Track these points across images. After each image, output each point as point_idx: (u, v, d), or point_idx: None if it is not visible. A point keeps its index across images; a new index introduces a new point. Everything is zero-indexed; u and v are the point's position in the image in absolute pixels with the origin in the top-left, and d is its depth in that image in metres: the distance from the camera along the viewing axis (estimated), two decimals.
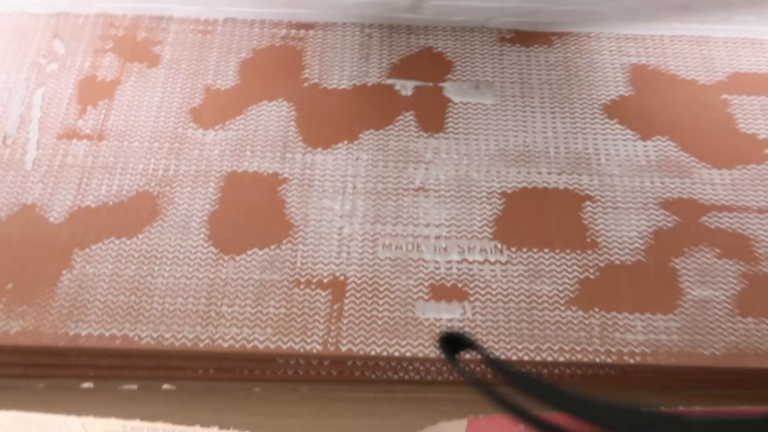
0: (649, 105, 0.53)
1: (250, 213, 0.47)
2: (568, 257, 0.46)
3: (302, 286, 0.44)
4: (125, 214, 0.47)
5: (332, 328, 0.42)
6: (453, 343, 0.28)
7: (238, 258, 0.45)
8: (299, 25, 0.56)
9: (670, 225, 0.47)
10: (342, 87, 0.53)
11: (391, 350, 0.41)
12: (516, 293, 0.44)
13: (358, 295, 0.44)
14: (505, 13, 0.54)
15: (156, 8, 0.55)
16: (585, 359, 0.41)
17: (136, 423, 0.38)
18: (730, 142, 0.51)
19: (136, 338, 0.42)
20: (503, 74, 0.54)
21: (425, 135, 0.51)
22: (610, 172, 0.50)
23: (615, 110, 0.52)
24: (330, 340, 0.42)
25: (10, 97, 0.51)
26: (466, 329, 0.42)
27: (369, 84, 0.53)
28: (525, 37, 0.56)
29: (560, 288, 0.44)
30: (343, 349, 0.41)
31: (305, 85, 0.53)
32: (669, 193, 0.49)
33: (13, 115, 0.51)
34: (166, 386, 0.41)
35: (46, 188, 0.48)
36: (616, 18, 0.55)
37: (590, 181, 0.49)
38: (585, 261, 0.46)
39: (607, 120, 0.52)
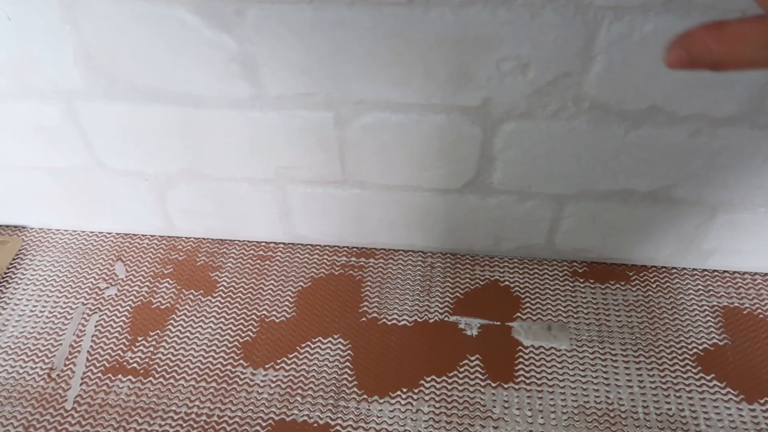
0: (750, 358, 0.48)
1: None
2: None
3: None
4: None
5: None
6: None
7: None
8: (360, 252, 0.56)
9: None
10: (402, 323, 0.51)
11: None
12: None
13: None
14: (576, 250, 0.53)
15: (219, 230, 0.57)
16: None
17: None
18: None
19: None
20: (578, 314, 0.51)
21: (493, 384, 0.47)
22: None
23: (710, 363, 0.48)
24: None
25: (65, 325, 0.52)
26: None
27: (431, 320, 0.51)
28: (599, 272, 0.54)
29: None
30: None
31: (363, 319, 0.52)
32: None
33: (63, 344, 0.51)
34: None
35: (81, 431, 0.45)
36: (698, 253, 0.52)
37: None
38: None
39: (702, 375, 0.47)
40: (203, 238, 0.58)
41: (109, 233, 0.59)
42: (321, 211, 0.53)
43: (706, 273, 0.53)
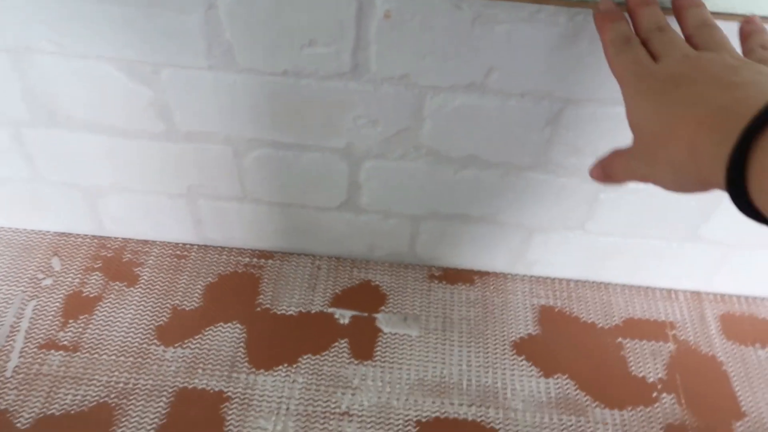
0: (553, 345, 0.63)
1: (195, 430, 0.55)
2: None
3: None
4: (84, 425, 0.55)
5: None
6: None
7: None
8: (260, 254, 0.69)
9: None
10: (289, 313, 0.64)
11: None
12: None
13: None
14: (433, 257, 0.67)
15: (143, 232, 0.68)
16: None
17: None
18: (622, 383, 0.60)
19: None
20: (429, 309, 0.65)
21: (356, 362, 0.61)
22: (514, 406, 0.58)
23: (523, 348, 0.62)
24: None
25: (6, 309, 0.62)
26: None
27: (313, 312, 0.64)
28: (451, 275, 0.68)
29: None
30: None
31: (258, 309, 0.64)
32: (565, 430, 0.57)
33: (5, 324, 0.61)
34: None
35: (19, 395, 0.57)
36: (528, 262, 0.67)
37: (496, 414, 0.58)
38: None
39: (515, 356, 0.62)
40: (129, 239, 0.70)
41: (48, 231, 0.70)
42: (227, 220, 0.65)
43: (532, 278, 0.68)
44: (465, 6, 0.43)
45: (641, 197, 0.58)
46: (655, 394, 0.60)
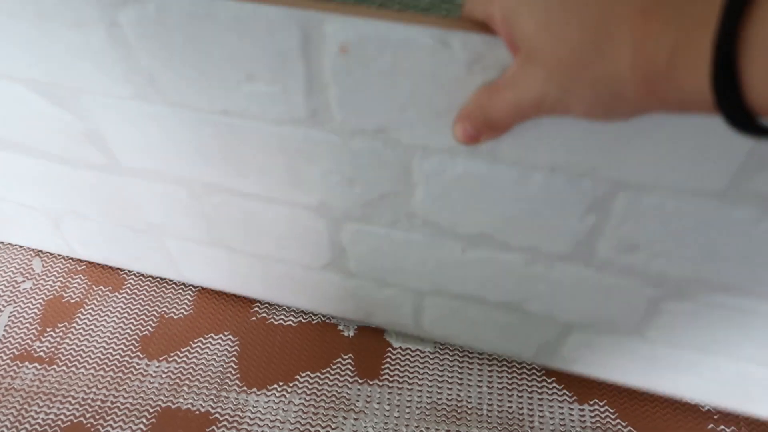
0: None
1: None
2: None
3: None
4: None
5: None
6: None
7: None
8: None
9: None
10: (288, 323, 0.57)
11: None
12: None
13: None
14: None
15: (113, 259, 0.60)
16: None
17: None
18: (671, 412, 0.52)
19: None
20: None
21: (360, 381, 0.54)
22: None
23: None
24: None
25: None
26: None
27: (314, 322, 0.57)
28: None
29: None
30: None
31: (253, 318, 0.58)
32: None
33: None
34: None
35: None
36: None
37: None
38: None
39: (544, 378, 0.54)
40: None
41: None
42: (201, 262, 0.56)
43: None
44: (456, 44, 0.30)
45: (732, 315, 0.44)
46: (711, 426, 0.51)
